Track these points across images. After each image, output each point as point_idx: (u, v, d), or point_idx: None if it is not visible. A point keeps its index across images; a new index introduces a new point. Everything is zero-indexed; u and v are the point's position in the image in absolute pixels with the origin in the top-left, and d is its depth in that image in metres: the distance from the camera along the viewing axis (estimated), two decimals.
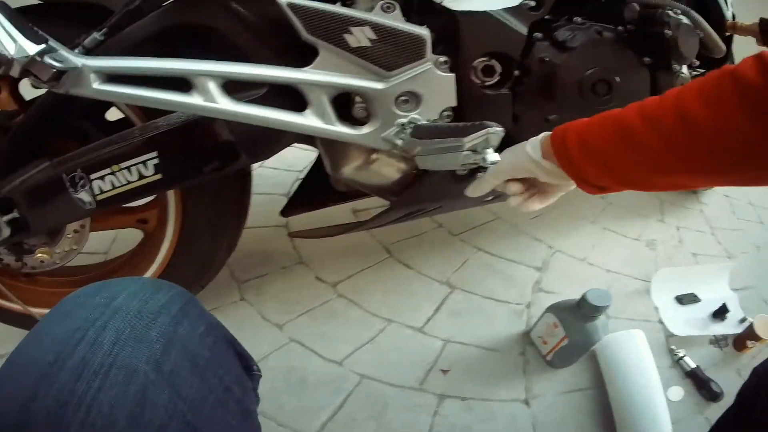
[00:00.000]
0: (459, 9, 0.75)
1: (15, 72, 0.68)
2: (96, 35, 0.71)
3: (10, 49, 0.67)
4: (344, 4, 0.74)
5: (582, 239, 1.47)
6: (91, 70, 0.69)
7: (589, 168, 0.61)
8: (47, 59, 0.67)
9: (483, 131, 0.69)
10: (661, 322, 1.25)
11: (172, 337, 0.45)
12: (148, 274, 0.99)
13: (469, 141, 0.69)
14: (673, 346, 1.19)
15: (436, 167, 0.75)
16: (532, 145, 0.65)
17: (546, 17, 0.83)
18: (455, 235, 1.39)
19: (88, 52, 0.71)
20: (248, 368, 0.59)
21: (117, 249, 1.26)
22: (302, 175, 1.09)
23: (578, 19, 0.86)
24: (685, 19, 0.87)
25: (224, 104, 0.71)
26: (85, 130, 0.90)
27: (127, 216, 1.01)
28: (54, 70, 0.67)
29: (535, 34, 0.82)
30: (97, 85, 0.70)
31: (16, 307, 1.02)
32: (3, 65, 0.68)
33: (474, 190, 0.74)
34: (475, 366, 1.10)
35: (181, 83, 0.71)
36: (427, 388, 1.04)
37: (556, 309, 1.08)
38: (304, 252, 1.31)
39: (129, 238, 1.08)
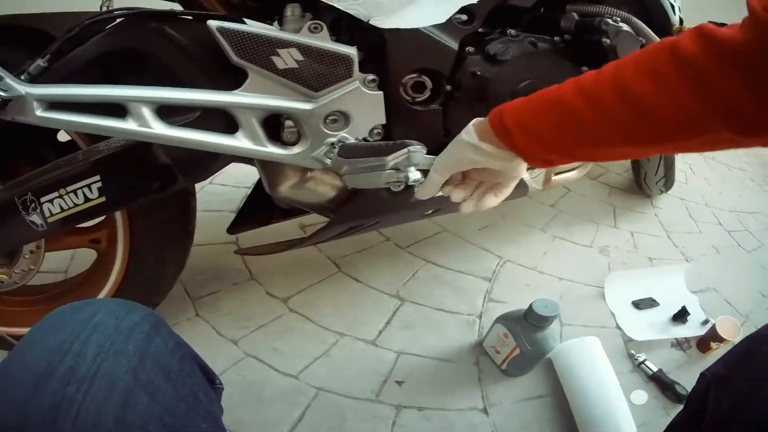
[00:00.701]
0: (386, 27, 0.76)
1: None
2: (40, 62, 0.73)
3: None
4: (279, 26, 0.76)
5: (532, 248, 1.48)
6: (34, 98, 0.71)
7: (530, 145, 0.61)
8: None
9: (404, 150, 0.70)
10: (618, 327, 1.26)
11: (146, 350, 0.49)
12: (103, 292, 1.00)
13: (392, 160, 0.70)
14: (632, 351, 1.20)
15: (361, 186, 0.76)
16: (467, 132, 0.65)
17: (480, 30, 0.84)
18: (403, 248, 1.40)
19: (33, 78, 0.73)
20: (212, 381, 0.62)
21: (75, 267, 1.28)
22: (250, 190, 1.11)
23: (512, 31, 0.87)
24: (625, 27, 0.88)
25: (158, 129, 0.73)
26: (38, 151, 0.92)
27: (80, 236, 1.02)
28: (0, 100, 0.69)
29: (467, 49, 0.83)
30: (40, 112, 0.72)
31: None
32: None
33: (422, 191, 0.73)
34: (430, 377, 1.11)
35: (119, 109, 0.73)
36: (383, 399, 1.06)
37: (504, 320, 1.09)
38: (255, 268, 1.33)
39: (87, 256, 1.09)
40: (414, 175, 0.70)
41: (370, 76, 0.77)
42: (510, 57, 0.85)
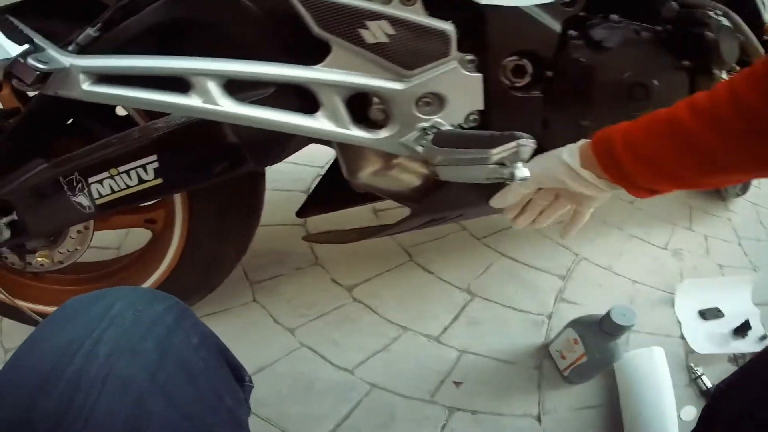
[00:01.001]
0: (487, 3, 0.68)
1: None
2: (90, 31, 0.67)
3: None
4: None
5: (608, 246, 1.43)
6: (80, 70, 0.66)
7: (640, 172, 0.59)
8: (30, 60, 0.64)
9: (513, 143, 0.62)
10: (682, 337, 1.21)
11: (168, 347, 0.46)
12: (157, 274, 0.97)
13: (497, 153, 0.63)
14: (692, 364, 1.14)
15: (458, 179, 0.70)
16: (569, 153, 0.62)
17: (580, 14, 0.76)
18: (479, 239, 1.34)
19: (82, 49, 0.67)
20: (240, 379, 0.59)
21: (129, 244, 1.24)
22: (323, 171, 1.04)
23: (614, 17, 0.79)
24: (725, 21, 0.82)
25: (226, 106, 0.66)
26: (88, 126, 0.87)
27: (134, 216, 0.99)
28: (37, 72, 0.63)
29: (569, 32, 0.75)
30: (87, 86, 0.66)
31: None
32: None
33: (499, 200, 0.72)
34: (490, 378, 1.06)
35: (180, 83, 0.67)
36: (437, 400, 1.01)
37: (577, 324, 1.03)
38: (321, 253, 1.27)
39: (143, 233, 1.05)
40: (521, 172, 0.62)
41: (469, 56, 0.69)
42: (615, 45, 0.77)
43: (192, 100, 0.66)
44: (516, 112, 0.76)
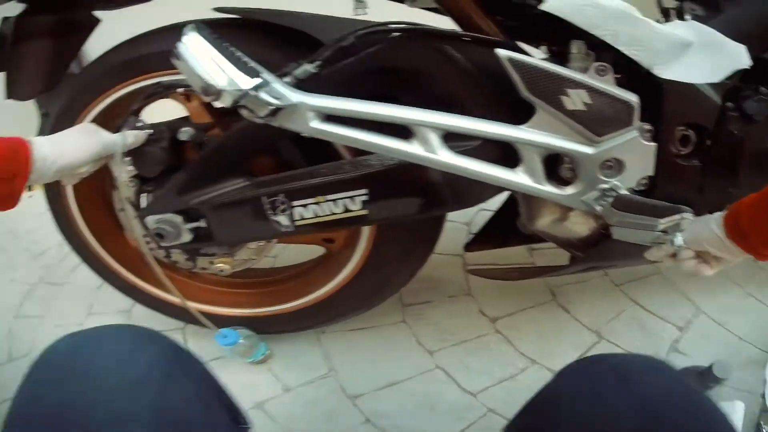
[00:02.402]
0: (668, 77, 0.73)
1: (226, 102, 0.69)
2: (309, 67, 0.72)
3: (220, 81, 0.68)
4: (554, 61, 0.74)
5: (726, 302, 1.44)
6: (309, 108, 0.70)
7: (761, 241, 0.62)
8: (263, 95, 0.68)
9: (678, 216, 0.69)
10: (763, 396, 1.18)
11: (162, 406, 0.45)
12: (323, 290, 1.02)
13: (664, 223, 0.70)
14: (761, 421, 1.13)
15: (626, 239, 0.75)
16: (717, 223, 0.66)
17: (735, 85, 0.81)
18: (617, 285, 1.38)
19: (299, 83, 0.72)
20: (237, 421, 0.59)
21: (286, 255, 1.32)
22: (486, 206, 1.09)
23: (764, 89, 0.82)
24: None
25: (444, 156, 0.73)
26: (283, 147, 0.91)
27: (314, 234, 1.01)
28: (270, 107, 0.68)
29: (727, 104, 0.80)
30: (314, 123, 0.71)
31: (166, 296, 1.09)
32: (211, 94, 0.69)
33: (654, 254, 0.75)
34: None
35: (398, 129, 0.72)
36: None
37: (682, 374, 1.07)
38: (474, 283, 1.33)
39: (298, 246, 1.13)
40: (678, 240, 0.69)
41: (647, 126, 0.75)
42: (763, 118, 0.81)
43: (414, 148, 0.72)
44: (679, 178, 0.80)
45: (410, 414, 1.05)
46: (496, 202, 1.04)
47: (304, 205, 0.83)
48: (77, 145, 0.75)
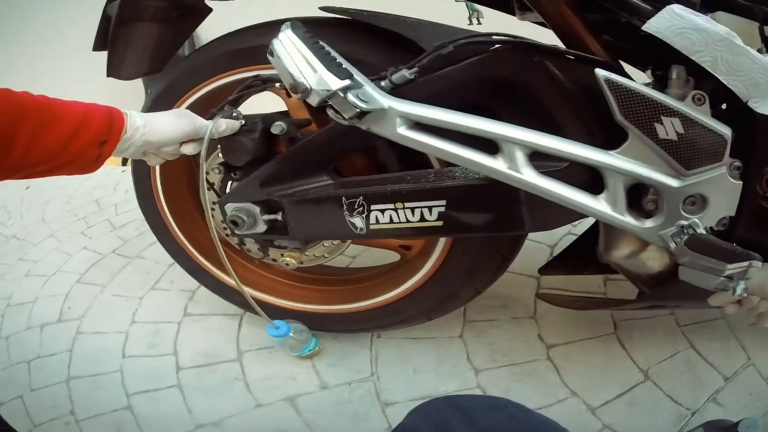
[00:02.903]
0: (764, 112, 0.68)
1: (313, 101, 0.70)
2: (406, 72, 0.71)
3: (310, 79, 0.69)
4: (655, 87, 0.72)
5: None
6: (398, 114, 0.70)
7: None
8: (351, 97, 0.68)
9: (746, 263, 0.65)
10: None
11: None
12: (394, 292, 1.03)
13: (731, 269, 0.66)
14: None
15: (690, 280, 0.72)
16: None
17: None
18: (680, 326, 1.34)
19: (394, 88, 0.72)
20: None
21: (365, 258, 1.33)
22: (573, 230, 1.07)
23: None
24: None
25: (527, 176, 0.71)
26: (379, 149, 0.92)
27: (387, 239, 1.00)
28: (357, 110, 0.68)
29: None
30: (401, 130, 0.71)
31: (230, 281, 1.09)
32: (300, 92, 0.70)
33: (716, 299, 0.73)
34: None
35: (485, 142, 0.71)
36: None
37: (710, 427, 1.03)
38: (541, 307, 1.30)
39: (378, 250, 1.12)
40: (740, 289, 0.66)
41: (737, 162, 0.71)
42: None
43: (498, 164, 0.71)
44: (760, 221, 0.76)
45: None
46: (584, 226, 1.03)
47: (382, 210, 0.83)
48: (169, 124, 0.79)
